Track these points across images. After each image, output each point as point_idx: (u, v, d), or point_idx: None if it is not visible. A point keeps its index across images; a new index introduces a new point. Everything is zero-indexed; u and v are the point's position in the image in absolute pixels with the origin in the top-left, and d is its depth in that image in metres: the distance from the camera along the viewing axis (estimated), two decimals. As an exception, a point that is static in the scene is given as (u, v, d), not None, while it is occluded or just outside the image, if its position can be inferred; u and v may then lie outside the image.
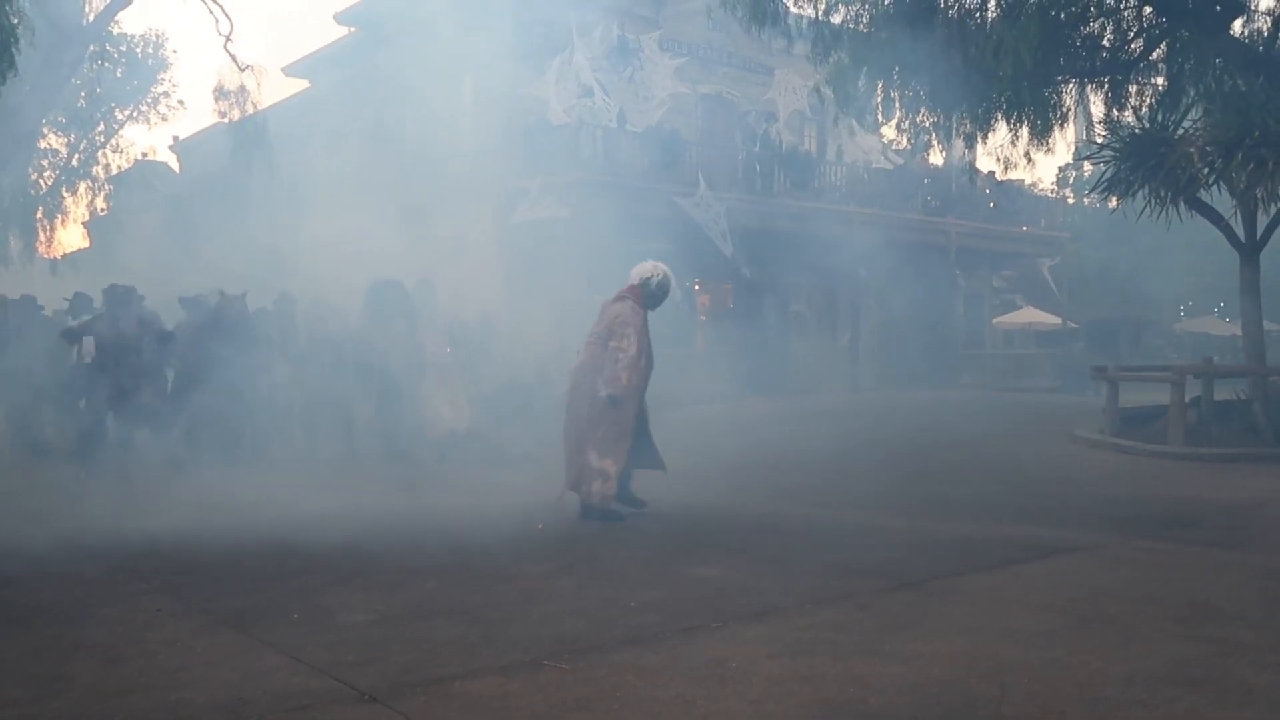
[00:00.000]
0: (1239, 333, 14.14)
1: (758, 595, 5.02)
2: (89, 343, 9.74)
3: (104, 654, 4.13)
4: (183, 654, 4.13)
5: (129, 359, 9.58)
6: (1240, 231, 12.26)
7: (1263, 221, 12.19)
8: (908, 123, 14.79)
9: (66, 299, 11.97)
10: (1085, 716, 3.46)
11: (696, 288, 21.84)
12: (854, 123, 17.00)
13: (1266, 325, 13.48)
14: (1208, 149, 11.26)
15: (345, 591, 5.06)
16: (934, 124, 14.51)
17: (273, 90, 45.96)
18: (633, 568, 5.51)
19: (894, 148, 24.33)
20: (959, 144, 17.40)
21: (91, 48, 17.14)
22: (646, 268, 7.30)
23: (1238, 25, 12.64)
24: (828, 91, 14.18)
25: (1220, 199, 12.31)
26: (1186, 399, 11.80)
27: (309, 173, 18.88)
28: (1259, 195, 11.13)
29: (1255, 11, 12.72)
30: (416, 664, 3.97)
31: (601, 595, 4.98)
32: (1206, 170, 11.42)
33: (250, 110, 16.41)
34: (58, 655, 4.14)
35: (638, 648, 4.19)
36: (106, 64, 26.48)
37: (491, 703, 3.58)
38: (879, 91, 14.17)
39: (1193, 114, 12.51)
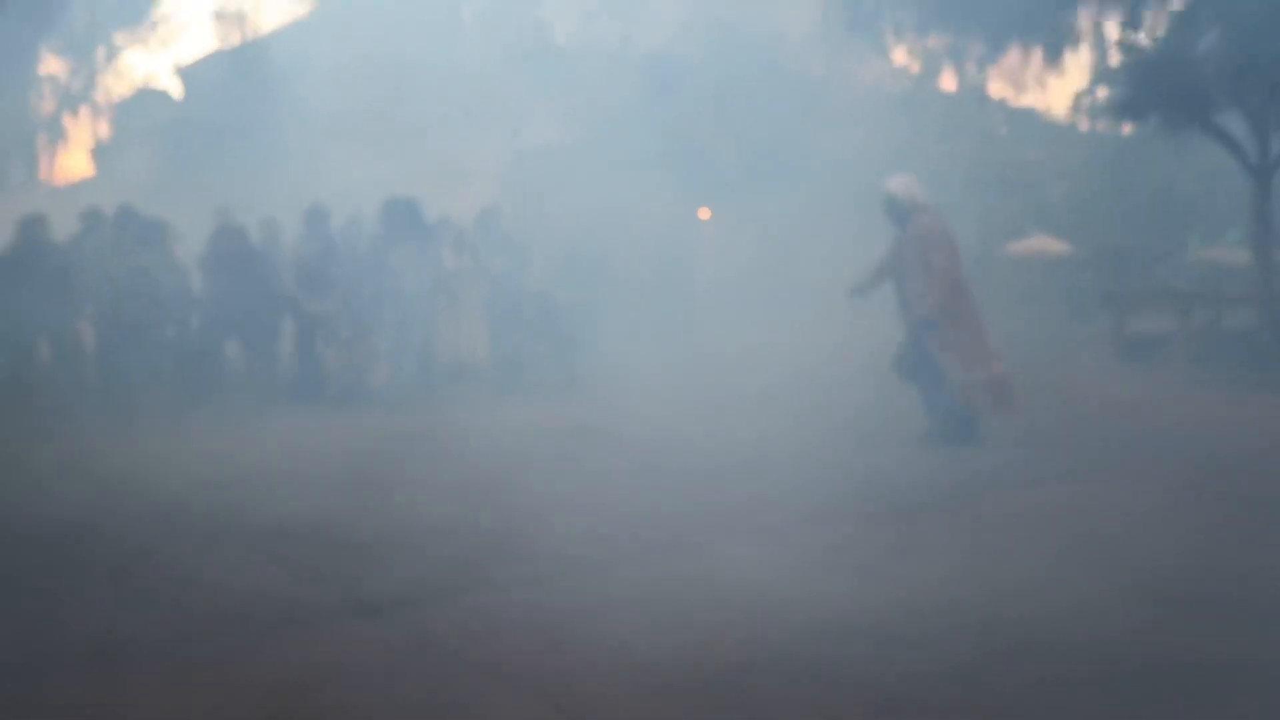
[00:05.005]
0: (1250, 261, 14.02)
1: (756, 514, 5.07)
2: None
3: (106, 571, 4.20)
4: (189, 568, 4.21)
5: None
6: (1253, 156, 12.09)
7: (1275, 144, 11.99)
8: (919, 46, 14.55)
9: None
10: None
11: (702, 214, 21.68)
12: (864, 46, 16.70)
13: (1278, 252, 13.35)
14: (1222, 71, 11.07)
15: (347, 512, 5.12)
16: (945, 47, 14.27)
17: (276, 14, 45.24)
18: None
19: (906, 73, 23.93)
20: (970, 68, 17.11)
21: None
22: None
23: (1258, -56, 12.34)
24: (837, 14, 13.93)
25: (1234, 123, 12.10)
26: (1195, 326, 11.75)
27: (310, 98, 18.66)
28: (1272, 118, 10.96)
29: (1277, -70, 12.40)
30: (419, 579, 4.04)
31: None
32: (1220, 93, 11.23)
33: (251, 35, 16.16)
34: None
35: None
36: (103, -16, 26.00)
37: (492, 612, 3.65)
38: (889, 14, 13.90)
39: (1208, 36, 12.24)
